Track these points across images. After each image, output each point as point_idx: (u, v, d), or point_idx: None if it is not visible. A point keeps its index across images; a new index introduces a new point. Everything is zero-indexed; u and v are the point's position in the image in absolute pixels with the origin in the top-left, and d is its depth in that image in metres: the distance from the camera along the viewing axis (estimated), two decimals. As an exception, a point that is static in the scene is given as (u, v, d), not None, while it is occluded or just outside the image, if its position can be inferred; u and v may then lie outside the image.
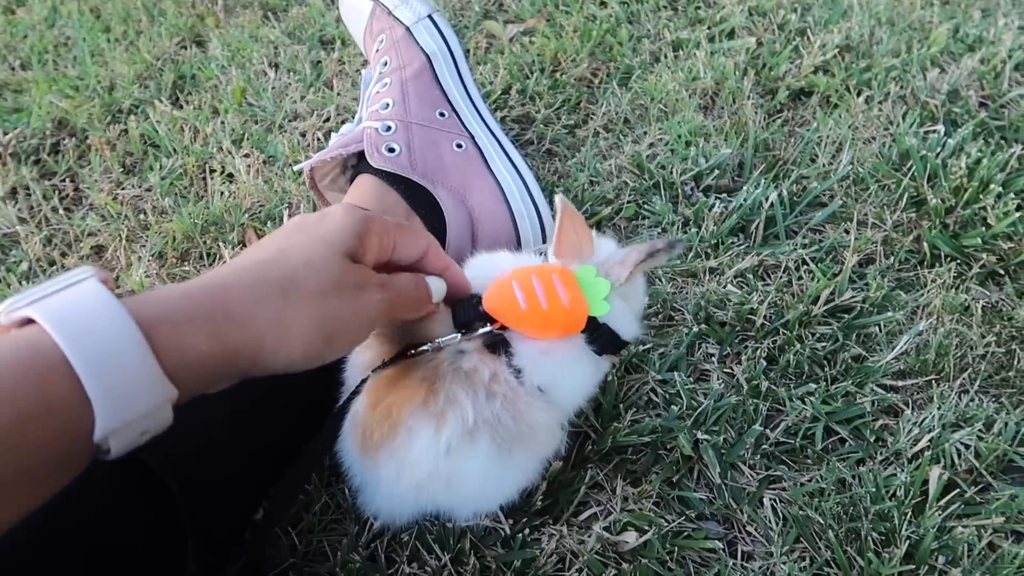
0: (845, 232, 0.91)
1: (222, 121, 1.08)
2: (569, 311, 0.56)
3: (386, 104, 0.88)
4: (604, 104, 1.08)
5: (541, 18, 1.24)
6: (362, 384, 0.57)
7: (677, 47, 1.17)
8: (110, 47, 1.22)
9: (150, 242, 0.94)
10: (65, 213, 1.00)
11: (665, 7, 1.24)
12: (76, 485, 0.39)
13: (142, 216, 0.98)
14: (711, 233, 0.90)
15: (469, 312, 0.57)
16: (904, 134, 1.00)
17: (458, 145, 0.87)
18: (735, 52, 1.13)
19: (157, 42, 1.23)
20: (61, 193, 1.02)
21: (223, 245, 0.92)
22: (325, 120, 1.09)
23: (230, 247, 0.92)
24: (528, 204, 0.86)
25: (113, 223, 0.97)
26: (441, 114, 0.89)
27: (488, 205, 0.85)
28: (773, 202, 0.92)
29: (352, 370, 0.62)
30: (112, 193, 1.01)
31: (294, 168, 0.99)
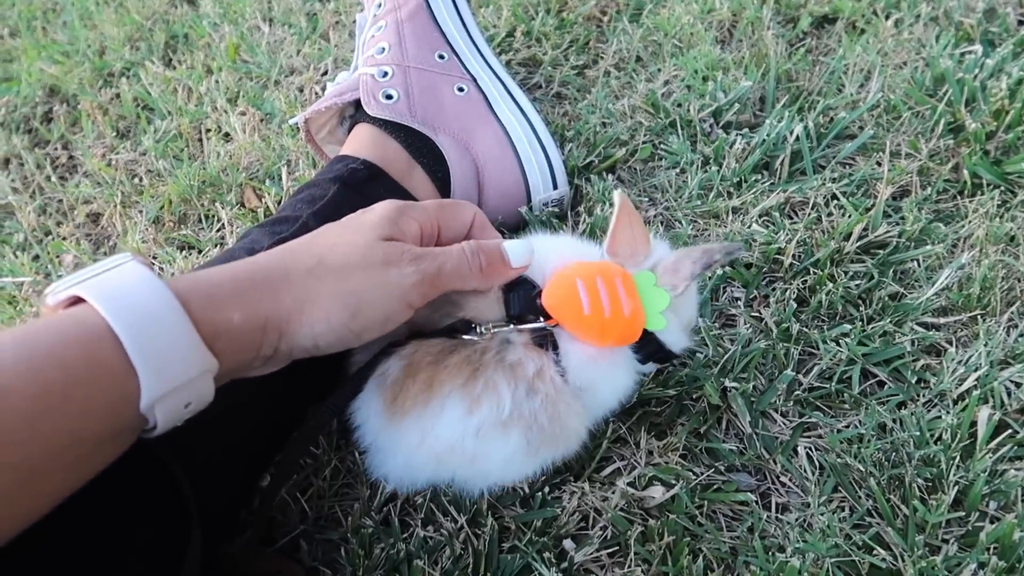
0: (877, 164, 0.85)
1: (216, 80, 1.04)
2: (629, 322, 0.54)
3: (382, 48, 0.83)
4: (615, 42, 1.02)
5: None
6: (391, 346, 0.55)
7: (690, -22, 1.10)
8: (98, 10, 1.18)
9: (146, 207, 0.91)
10: (59, 181, 0.96)
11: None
12: None
13: (137, 181, 0.94)
14: (733, 171, 0.84)
15: (525, 304, 0.55)
16: (938, 57, 0.93)
17: (460, 89, 0.82)
18: (753, -20, 1.06)
19: (147, 2, 1.18)
20: (54, 161, 0.99)
21: (221, 206, 0.88)
22: (323, 74, 1.04)
23: (228, 208, 0.88)
24: (536, 148, 0.81)
25: (108, 189, 0.93)
26: (441, 56, 0.83)
27: (493, 151, 0.80)
28: (798, 135, 0.86)
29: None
30: (106, 158, 0.97)
31: (289, 123, 0.94)
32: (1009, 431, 0.64)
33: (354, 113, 0.83)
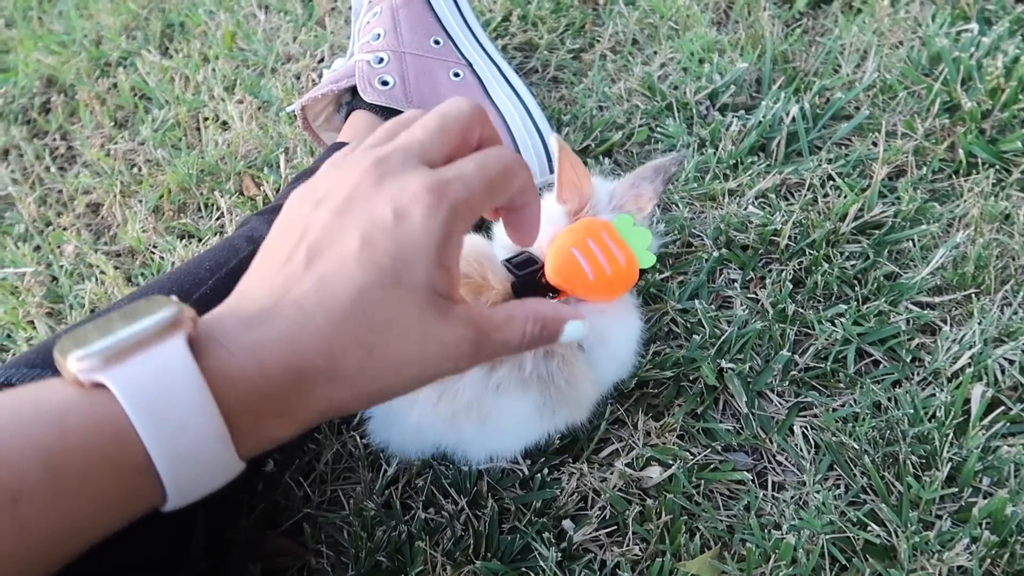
0: (873, 144, 0.85)
1: (213, 68, 1.04)
2: (627, 270, 0.55)
3: (377, 35, 0.83)
4: (611, 25, 1.02)
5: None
6: None
7: (686, -41, 1.09)
8: (94, -1, 1.18)
9: (145, 196, 0.91)
10: (58, 172, 0.97)
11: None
12: None
13: (136, 170, 0.95)
14: (729, 153, 0.85)
15: (531, 287, 0.55)
16: (934, 36, 0.93)
17: (455, 74, 0.82)
18: (749, -40, 1.06)
19: (142, -10, 1.18)
20: (53, 152, 0.99)
21: (220, 195, 0.89)
22: (319, 61, 1.04)
23: (227, 196, 0.88)
24: (532, 132, 0.81)
25: (107, 179, 0.93)
26: (436, 42, 0.84)
27: (490, 136, 0.80)
28: (795, 116, 0.86)
29: None
30: (105, 148, 0.98)
31: (287, 110, 0.95)
32: (1002, 408, 0.65)
33: (351, 100, 0.83)
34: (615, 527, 0.63)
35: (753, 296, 0.75)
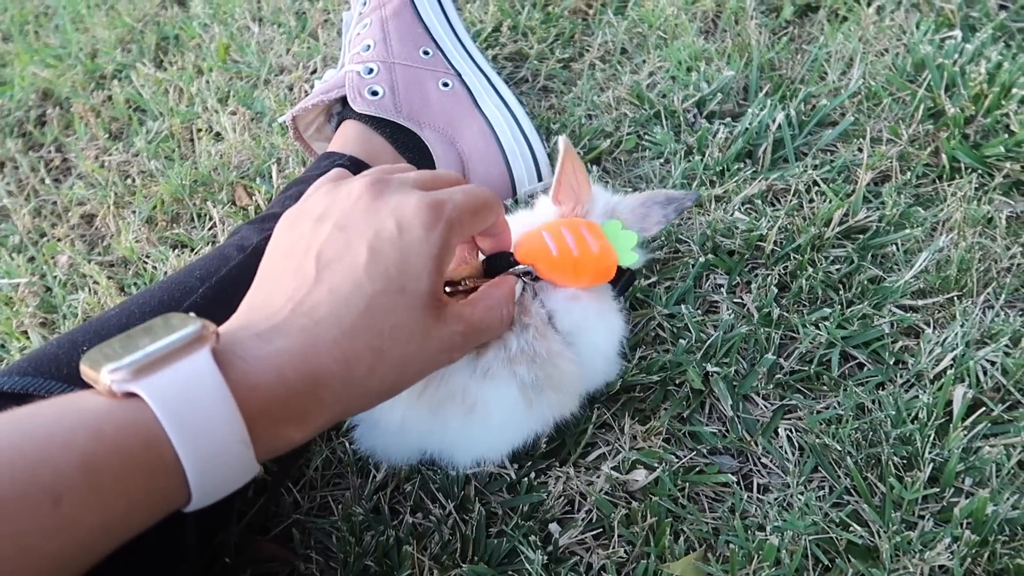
0: (858, 150, 0.86)
1: (207, 80, 1.05)
2: (599, 258, 0.56)
3: (367, 45, 0.84)
4: (600, 35, 1.03)
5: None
6: None
7: (674, -30, 1.11)
8: (90, 13, 1.19)
9: (139, 207, 0.92)
10: (53, 184, 0.98)
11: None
12: None
13: (130, 181, 0.96)
14: (716, 160, 0.85)
15: (502, 264, 0.56)
16: (918, 43, 0.94)
17: (444, 84, 0.83)
18: (736, -30, 1.07)
19: (138, 4, 1.19)
20: (48, 164, 1.01)
21: (212, 205, 0.90)
22: (312, 72, 1.05)
23: (220, 206, 0.89)
24: (520, 141, 0.82)
25: (101, 190, 0.94)
26: (425, 52, 0.85)
27: (478, 145, 0.81)
28: (780, 123, 0.87)
29: None
30: (99, 160, 0.99)
31: (278, 120, 0.96)
32: (984, 409, 0.65)
33: (341, 110, 0.84)
34: (601, 530, 0.63)
35: (739, 301, 0.76)
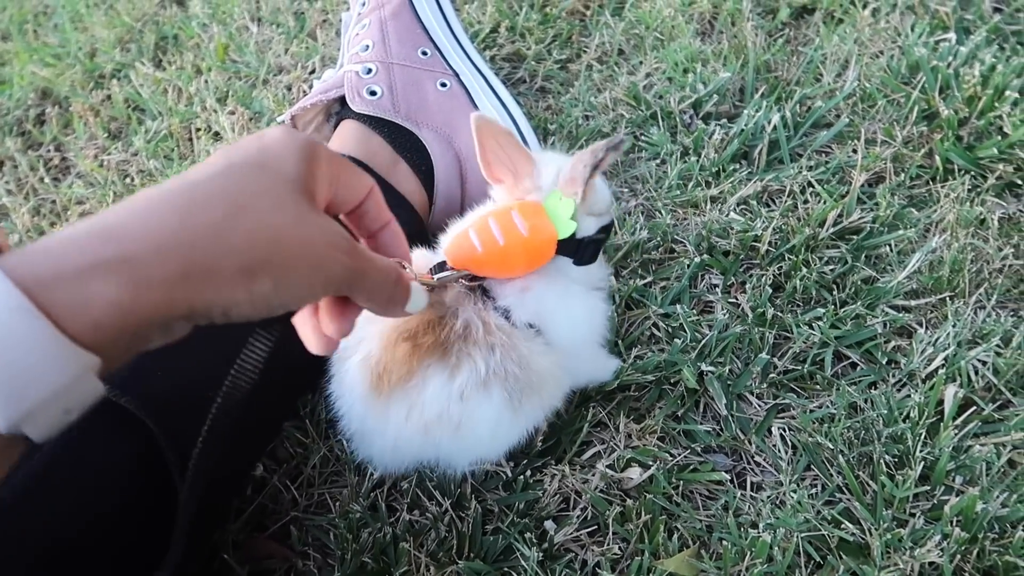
0: (852, 151, 0.87)
1: (206, 80, 1.06)
2: (529, 240, 0.54)
3: (366, 46, 0.85)
4: (597, 36, 1.04)
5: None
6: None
7: (671, -29, 1.11)
8: (89, 12, 1.20)
9: (138, 206, 0.93)
10: (52, 182, 0.98)
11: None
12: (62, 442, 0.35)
13: (129, 181, 0.96)
14: (712, 161, 0.86)
15: (440, 272, 0.56)
16: (913, 45, 0.94)
17: (442, 84, 0.84)
18: (732, -28, 1.08)
19: (137, 3, 1.20)
20: (47, 163, 1.01)
21: (211, 204, 0.90)
22: (310, 72, 1.06)
23: (218, 206, 0.90)
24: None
25: (100, 189, 0.95)
26: (423, 53, 0.85)
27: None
28: (776, 125, 0.88)
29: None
30: (98, 159, 0.99)
31: (277, 120, 0.96)
32: (975, 408, 0.66)
33: (340, 110, 0.85)
34: (596, 527, 0.64)
35: (734, 301, 0.76)
